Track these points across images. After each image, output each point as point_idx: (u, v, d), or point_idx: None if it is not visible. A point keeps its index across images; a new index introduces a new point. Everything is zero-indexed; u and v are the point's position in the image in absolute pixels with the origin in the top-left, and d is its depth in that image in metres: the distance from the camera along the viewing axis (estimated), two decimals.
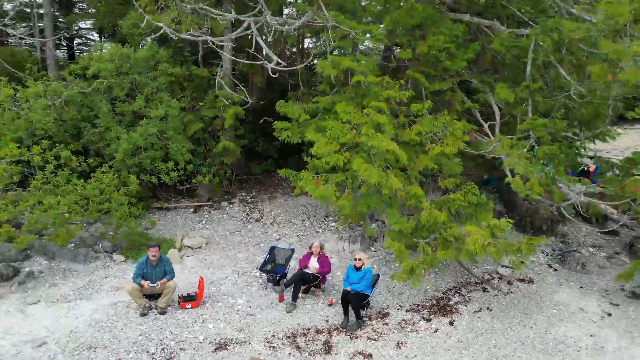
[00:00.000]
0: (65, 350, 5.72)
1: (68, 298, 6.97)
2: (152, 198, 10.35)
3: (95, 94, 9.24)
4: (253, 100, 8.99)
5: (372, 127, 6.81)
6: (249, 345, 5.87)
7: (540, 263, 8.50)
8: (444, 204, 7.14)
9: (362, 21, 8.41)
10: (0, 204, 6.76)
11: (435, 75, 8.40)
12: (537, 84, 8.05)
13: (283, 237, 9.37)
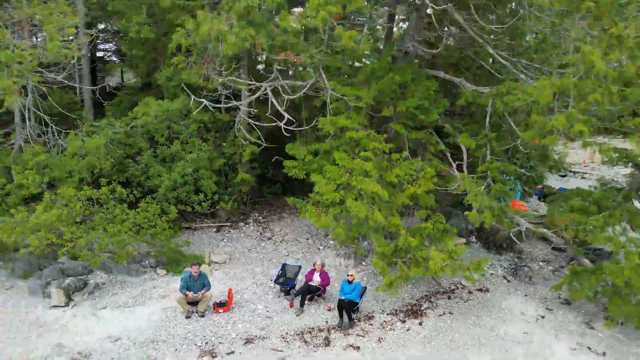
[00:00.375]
0: (136, 344, 7.82)
1: (127, 304, 9.08)
2: (182, 219, 12.43)
3: (138, 136, 11.35)
4: (267, 143, 11.11)
5: (361, 174, 8.91)
6: (269, 340, 7.98)
7: (498, 275, 10.61)
8: (417, 231, 9.25)
9: (354, 81, 10.53)
10: (78, 232, 8.86)
11: (413, 126, 10.50)
12: (492, 134, 10.15)
13: (291, 254, 11.48)
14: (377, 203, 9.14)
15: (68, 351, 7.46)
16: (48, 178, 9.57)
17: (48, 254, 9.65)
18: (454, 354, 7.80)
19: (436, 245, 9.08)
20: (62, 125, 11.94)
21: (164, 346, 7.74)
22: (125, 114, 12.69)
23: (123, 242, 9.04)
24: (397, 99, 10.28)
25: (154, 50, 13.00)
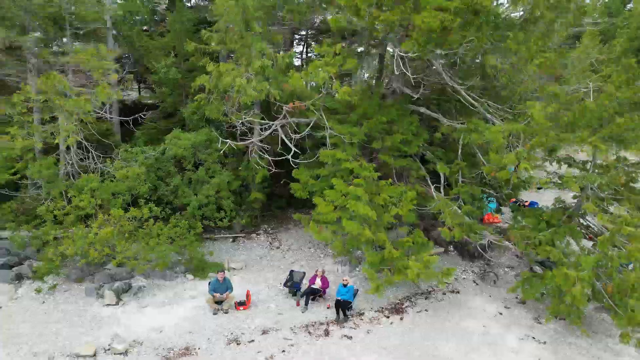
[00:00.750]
0: (176, 334, 9.96)
1: (165, 303, 11.22)
2: (204, 231, 14.54)
3: (167, 161, 13.49)
4: (275, 167, 13.24)
5: (354, 198, 11.03)
6: (281, 332, 10.10)
7: (468, 279, 12.72)
8: (399, 244, 11.36)
9: (349, 119, 12.64)
10: (127, 245, 11.01)
11: (398, 155, 12.63)
12: (463, 163, 12.28)
13: (296, 261, 13.61)
14: (367, 222, 11.29)
15: (125, 339, 9.61)
16: (99, 200, 11.71)
17: (91, 260, 11.80)
18: (427, 342, 9.91)
19: (415, 255, 11.19)
20: (99, 150, 14.11)
21: (198, 336, 9.88)
22: (152, 141, 14.91)
23: (162, 253, 11.17)
24: (385, 133, 12.42)
25: (180, 87, 15.14)
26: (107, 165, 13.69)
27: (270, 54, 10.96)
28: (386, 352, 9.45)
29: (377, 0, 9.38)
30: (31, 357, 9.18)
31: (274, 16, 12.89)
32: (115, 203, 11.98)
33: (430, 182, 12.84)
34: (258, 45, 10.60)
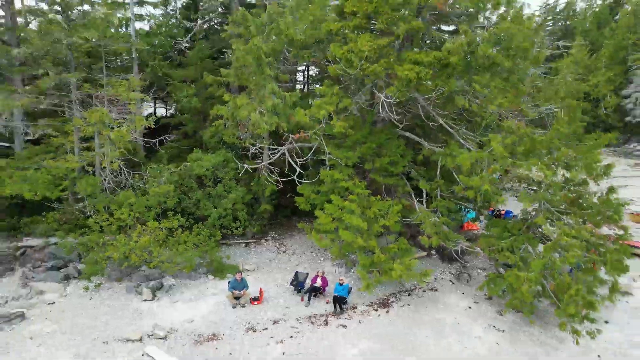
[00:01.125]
0: (203, 324, 12.26)
1: (192, 299, 13.51)
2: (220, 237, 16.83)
3: (190, 178, 15.81)
4: (282, 183, 15.54)
5: (349, 212, 13.31)
6: (288, 322, 12.38)
7: (446, 279, 15.01)
8: (386, 250, 13.64)
9: (345, 144, 14.91)
10: (161, 251, 13.30)
11: (386, 174, 14.91)
12: (441, 181, 14.56)
13: (300, 263, 15.89)
14: (359, 231, 13.58)
15: (163, 327, 11.91)
16: (136, 213, 14.00)
17: (132, 264, 14.10)
18: (407, 331, 12.18)
19: (399, 259, 13.46)
20: (127, 167, 16.40)
21: (222, 325, 12.17)
22: (174, 158, 17.22)
23: (188, 257, 13.47)
24: (375, 156, 14.72)
25: (199, 113, 17.45)
26: (137, 180, 16.04)
27: (279, 93, 13.26)
28: (374, 339, 11.74)
29: (367, 55, 11.64)
30: (89, 342, 11.48)
31: (282, 54, 15.12)
32: (149, 215, 14.28)
33: (414, 197, 15.13)
34: (270, 86, 12.89)
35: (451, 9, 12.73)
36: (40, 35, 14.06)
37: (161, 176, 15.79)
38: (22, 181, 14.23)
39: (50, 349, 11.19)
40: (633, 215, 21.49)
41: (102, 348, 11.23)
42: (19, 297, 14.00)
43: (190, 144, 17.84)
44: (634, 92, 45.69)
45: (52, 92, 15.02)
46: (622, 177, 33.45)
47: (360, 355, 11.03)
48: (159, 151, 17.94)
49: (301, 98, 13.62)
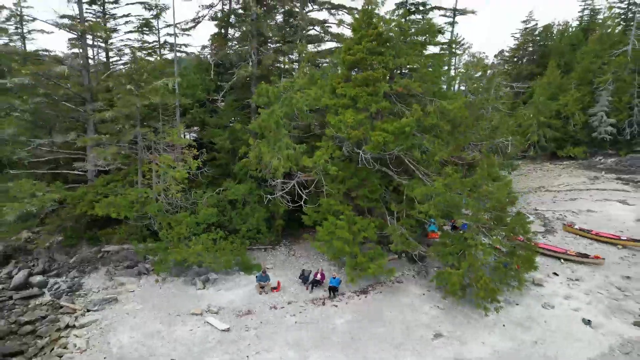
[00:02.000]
0: (241, 304, 18.15)
1: (230, 288, 19.39)
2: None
3: (225, 201, 21.70)
4: (292, 206, 21.39)
5: (340, 228, 19.15)
6: (298, 303, 18.26)
7: (410, 275, 20.84)
8: (366, 254, 19.49)
9: (338, 179, 20.73)
10: (210, 255, 19.19)
11: (367, 199, 20.73)
12: (405, 205, 20.37)
13: (305, 264, 21.75)
14: (347, 241, 19.44)
15: (215, 306, 17.80)
16: (190, 228, 19.89)
17: (189, 264, 19.96)
18: (378, 308, 18.01)
19: (375, 261, 19.31)
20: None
21: (253, 305, 18.05)
22: (211, 184, 23.03)
23: (227, 259, 19.38)
24: (359, 186, 20.59)
25: (230, 153, 23.33)
26: (185, 202, 21.92)
27: (291, 145, 19.10)
28: (355, 313, 17.61)
29: (351, 124, 17.46)
30: (167, 315, 17.39)
31: (293, 116, 20.92)
32: (199, 229, 20.19)
33: (387, 216, 20.97)
34: (285, 141, 18.72)
35: (408, 92, 18.50)
36: (122, 102, 19.94)
37: (202, 199, 21.70)
38: (108, 205, 20.10)
39: (143, 319, 17.14)
40: (565, 226, 27.23)
41: (177, 319, 17.14)
42: (107, 287, 19.96)
43: (222, 173, 23.69)
44: (599, 111, 51.43)
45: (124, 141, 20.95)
46: (578, 189, 39.39)
47: (346, 323, 16.91)
48: (198, 178, 23.81)
49: (306, 149, 19.36)
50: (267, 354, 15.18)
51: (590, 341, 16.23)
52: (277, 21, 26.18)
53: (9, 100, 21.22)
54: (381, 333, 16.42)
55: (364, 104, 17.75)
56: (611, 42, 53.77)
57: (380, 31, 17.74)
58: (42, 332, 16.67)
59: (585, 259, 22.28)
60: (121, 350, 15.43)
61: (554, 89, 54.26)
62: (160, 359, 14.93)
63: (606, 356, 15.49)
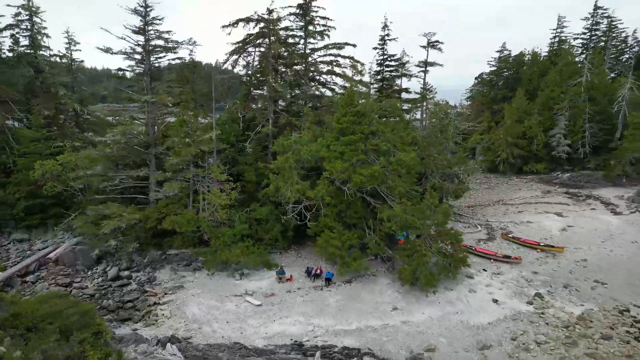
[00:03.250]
0: (267, 289, 27.28)
1: (258, 279, 28.52)
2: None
3: (252, 219, 30.85)
4: (300, 222, 30.51)
5: (332, 239, 28.21)
6: (304, 289, 27.39)
7: (382, 270, 29.92)
8: (351, 256, 28.54)
9: (332, 204, 29.81)
10: (247, 256, 28.31)
11: (353, 217, 29.77)
12: (379, 223, 29.42)
13: (309, 262, 30.85)
14: (338, 247, 28.53)
15: (250, 290, 26.94)
16: (230, 238, 28.99)
17: (230, 262, 29.00)
18: (358, 292, 27.08)
19: (357, 260, 28.36)
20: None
21: (275, 290, 27.19)
22: (240, 205, 32.18)
23: (255, 259, 28.51)
24: (347, 209, 29.66)
25: (255, 183, 32.43)
26: (225, 219, 30.98)
27: (299, 181, 28.10)
28: (342, 295, 26.70)
29: (340, 170, 26.48)
30: (219, 297, 26.51)
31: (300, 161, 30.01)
32: (235, 239, 29.30)
33: (367, 229, 30.01)
34: (295, 178, 27.75)
35: (377, 149, 27.52)
36: (183, 152, 29.01)
37: (236, 217, 30.78)
38: (172, 222, 29.16)
39: (204, 299, 26.28)
40: (502, 234, 36.25)
41: (226, 299, 26.27)
42: (173, 279, 29.09)
43: (250, 198, 32.73)
44: (557, 133, 60.48)
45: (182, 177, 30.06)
46: (528, 203, 48.37)
47: (336, 301, 25.99)
48: (234, 203, 32.84)
49: (310, 184, 28.39)
50: (286, 319, 24.28)
51: (493, 312, 25.29)
52: (288, 81, 35.25)
53: (103, 148, 30.30)
54: (359, 307, 25.52)
55: (348, 156, 26.84)
56: (569, 73, 62.80)
57: (359, 109, 26.80)
58: (139, 307, 25.79)
59: (508, 260, 31.36)
60: (194, 316, 24.55)
61: (521, 113, 63.29)
62: (220, 320, 24.05)
63: (500, 320, 24.54)
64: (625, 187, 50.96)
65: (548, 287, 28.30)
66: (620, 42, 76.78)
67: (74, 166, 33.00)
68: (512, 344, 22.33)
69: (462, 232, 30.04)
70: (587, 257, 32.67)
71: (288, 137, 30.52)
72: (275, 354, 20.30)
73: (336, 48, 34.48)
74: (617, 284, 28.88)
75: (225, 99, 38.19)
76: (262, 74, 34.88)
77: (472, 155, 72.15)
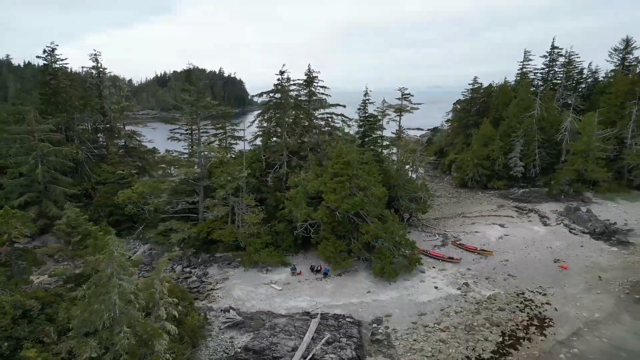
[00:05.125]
0: (285, 280, 40.94)
1: (278, 273, 42.16)
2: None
3: (274, 232, 44.54)
4: (306, 234, 44.17)
5: (329, 246, 41.75)
6: (309, 280, 41.00)
7: (363, 266, 43.49)
8: (341, 257, 42.07)
9: (329, 222, 43.36)
10: (273, 256, 41.95)
11: (343, 231, 43.28)
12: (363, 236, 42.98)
13: (313, 262, 44.38)
14: (332, 252, 42.10)
15: (274, 280, 40.61)
16: (259, 245, 42.59)
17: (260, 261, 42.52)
18: (345, 282, 40.62)
19: (345, 260, 41.88)
20: None
21: (290, 281, 40.82)
22: (265, 223, 45.87)
23: (276, 259, 42.12)
24: (338, 225, 43.21)
25: (274, 206, 45.94)
26: (255, 232, 44.56)
27: (306, 207, 41.46)
28: (334, 283, 40.28)
29: (334, 199, 39.85)
30: (252, 284, 40.18)
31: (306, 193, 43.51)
32: (262, 246, 42.89)
33: (352, 239, 43.51)
34: (303, 205, 41.12)
35: (358, 186, 40.96)
36: (227, 185, 42.49)
37: (262, 230, 44.32)
38: (219, 234, 42.72)
39: (243, 286, 39.93)
40: (452, 242, 49.78)
41: (257, 286, 39.98)
42: (220, 273, 42.75)
43: (271, 217, 46.15)
44: (514, 156, 74.00)
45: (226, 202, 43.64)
46: (482, 216, 61.89)
47: (330, 287, 39.56)
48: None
49: (313, 209, 41.84)
50: (298, 298, 37.83)
51: (432, 294, 38.86)
52: (297, 133, 48.75)
53: (170, 183, 43.81)
54: (345, 291, 39.09)
55: (339, 191, 40.33)
56: (524, 107, 76.36)
57: (345, 160, 40.26)
58: (201, 291, 39.38)
59: (451, 260, 44.88)
60: (239, 296, 38.13)
61: (486, 139, 76.78)
62: (256, 299, 37.59)
63: (436, 299, 38.05)
64: (562, 203, 64.46)
65: (475, 279, 41.88)
66: (576, 73, 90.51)
67: (144, 193, 46.57)
68: (440, 312, 35.91)
69: (423, 239, 43.61)
70: (509, 259, 46.31)
71: (298, 175, 43.97)
72: (293, 317, 33.90)
73: (332, 107, 48.00)
74: (523, 277, 42.54)
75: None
76: (279, 125, 48.44)
77: (449, 171, 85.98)
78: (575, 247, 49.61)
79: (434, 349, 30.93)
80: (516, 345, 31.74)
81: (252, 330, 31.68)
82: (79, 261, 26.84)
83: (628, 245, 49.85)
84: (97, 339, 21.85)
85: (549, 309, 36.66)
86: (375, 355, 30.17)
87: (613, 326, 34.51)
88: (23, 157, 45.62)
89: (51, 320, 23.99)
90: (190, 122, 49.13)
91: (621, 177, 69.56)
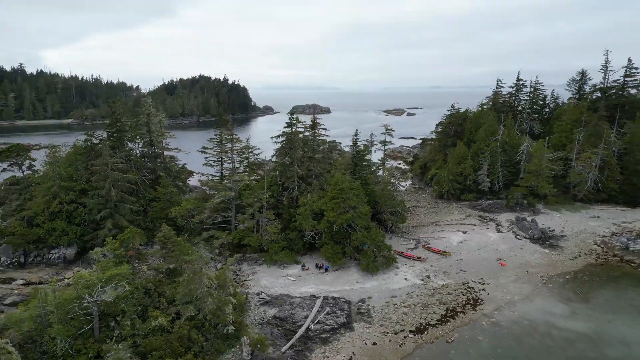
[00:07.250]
0: (298, 274, 56.72)
1: (291, 269, 57.92)
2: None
3: (287, 238, 60.38)
4: (312, 239, 59.98)
5: (328, 249, 57.43)
6: (314, 274, 56.73)
7: (354, 264, 59.16)
8: (337, 257, 57.73)
9: (326, 232, 59.00)
10: (287, 256, 57.64)
11: (339, 238, 58.91)
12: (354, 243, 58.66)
13: (317, 260, 60.04)
14: (331, 254, 57.83)
15: (290, 274, 56.39)
16: (279, 249, 58.34)
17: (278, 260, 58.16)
18: (340, 275, 56.26)
19: (340, 259, 57.53)
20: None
21: (300, 275, 56.57)
22: (282, 232, 61.73)
23: (290, 259, 57.88)
24: (336, 234, 58.90)
25: (288, 219, 61.59)
26: (275, 238, 60.26)
27: (312, 220, 57.01)
28: (332, 276, 55.96)
29: (333, 217, 55.28)
30: (274, 276, 55.99)
31: (312, 209, 59.16)
32: (280, 249, 58.62)
33: (346, 243, 59.10)
34: (310, 219, 56.70)
35: (350, 205, 56.42)
36: (255, 205, 58.02)
37: (279, 237, 59.97)
38: (250, 240, 58.40)
39: (268, 277, 55.77)
40: (422, 245, 65.45)
41: (278, 277, 55.80)
42: (249, 269, 58.56)
43: (286, 227, 61.59)
44: (482, 173, 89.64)
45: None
46: (450, 224, 77.58)
47: (330, 279, 55.23)
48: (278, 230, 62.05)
49: (318, 222, 57.30)
50: (307, 286, 53.49)
51: (402, 284, 54.58)
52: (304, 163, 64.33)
53: (211, 203, 59.45)
54: (340, 281, 54.79)
55: (336, 209, 55.89)
56: (491, 132, 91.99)
57: (340, 187, 55.80)
58: (237, 281, 55.08)
59: (419, 259, 60.58)
60: (265, 285, 53.81)
61: (460, 158, 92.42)
62: (277, 286, 53.29)
63: (405, 287, 53.74)
64: (517, 213, 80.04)
65: (435, 273, 57.56)
66: (540, 100, 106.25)
67: (190, 209, 62.22)
68: (406, 295, 51.63)
69: (400, 243, 59.47)
70: (463, 258, 61.99)
71: (305, 196, 59.50)
72: (304, 298, 49.70)
73: (332, 143, 63.68)
74: (471, 271, 58.27)
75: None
76: (291, 157, 64.16)
77: (430, 183, 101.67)
78: (516, 249, 65.25)
79: (398, 318, 46.66)
80: (454, 316, 47.44)
81: (277, 306, 47.47)
82: (171, 259, 42.55)
83: (557, 248, 65.46)
84: (193, 305, 37.69)
85: (483, 293, 52.31)
86: (359, 322, 45.88)
87: (525, 305, 50.21)
88: (101, 182, 61.31)
89: (160, 295, 39.84)
90: (220, 153, 64.97)
91: (567, 191, 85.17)
